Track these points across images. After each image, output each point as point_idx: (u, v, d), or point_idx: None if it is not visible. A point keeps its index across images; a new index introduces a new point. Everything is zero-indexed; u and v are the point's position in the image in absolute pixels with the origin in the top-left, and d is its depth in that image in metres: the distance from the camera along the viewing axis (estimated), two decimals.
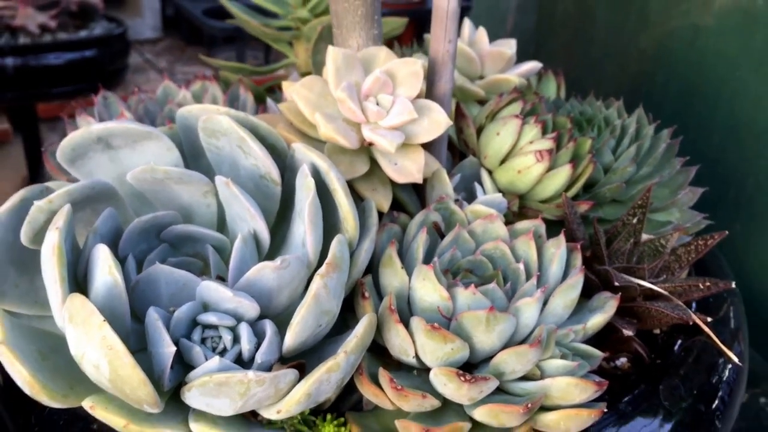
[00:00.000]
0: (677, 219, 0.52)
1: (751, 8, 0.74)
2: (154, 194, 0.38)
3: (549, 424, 0.36)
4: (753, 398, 0.70)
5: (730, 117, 0.78)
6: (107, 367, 0.30)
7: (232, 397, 0.31)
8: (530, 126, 0.46)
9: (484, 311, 0.34)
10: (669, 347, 0.45)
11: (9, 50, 1.17)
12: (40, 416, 0.38)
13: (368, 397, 0.36)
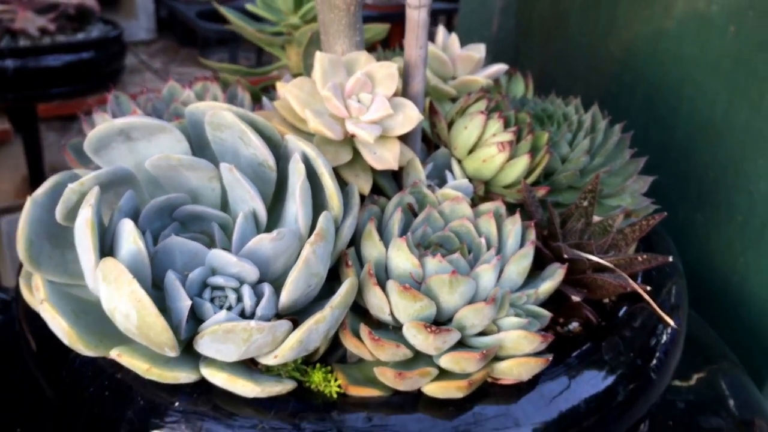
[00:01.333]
0: (628, 204, 0.58)
1: (706, 13, 0.80)
2: (166, 179, 0.44)
3: (504, 370, 0.42)
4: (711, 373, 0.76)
5: (690, 115, 0.85)
6: (135, 316, 0.36)
7: (237, 343, 0.38)
8: (494, 121, 0.52)
9: (448, 275, 0.41)
10: (614, 313, 0.51)
11: (9, 52, 1.23)
12: (70, 369, 0.44)
13: (351, 349, 0.43)
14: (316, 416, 0.41)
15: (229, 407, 0.41)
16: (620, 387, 0.47)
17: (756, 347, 0.84)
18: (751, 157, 0.78)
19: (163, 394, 0.41)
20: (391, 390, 0.42)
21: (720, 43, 0.79)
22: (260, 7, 0.68)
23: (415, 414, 0.42)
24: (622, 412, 0.47)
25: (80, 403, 0.44)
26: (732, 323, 0.85)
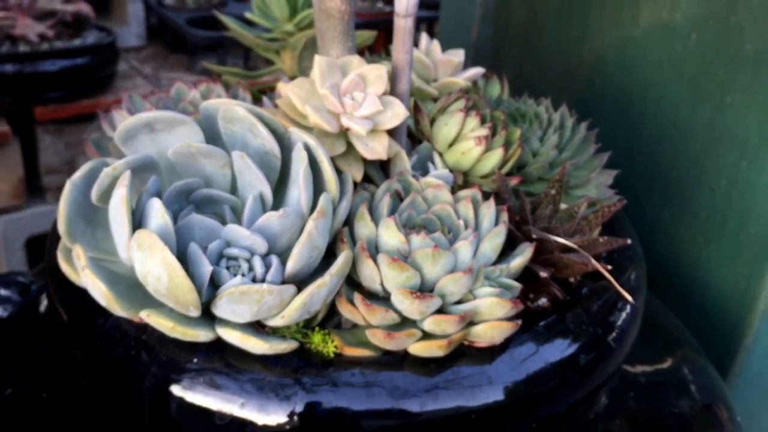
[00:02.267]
0: (593, 194, 0.65)
1: (670, 22, 0.87)
2: (184, 166, 0.50)
3: (479, 333, 0.48)
4: (675, 358, 0.82)
5: (656, 117, 0.91)
6: (166, 278, 0.42)
7: (250, 304, 0.44)
8: (471, 118, 0.58)
9: (431, 249, 0.47)
10: (579, 290, 0.58)
11: (8, 57, 1.28)
12: (100, 334, 0.50)
13: (346, 315, 0.49)
14: (315, 372, 0.47)
15: (240, 363, 0.47)
16: (582, 354, 0.53)
17: (719, 336, 0.90)
18: (713, 156, 0.85)
19: (183, 352, 0.47)
20: (381, 350, 0.48)
21: (683, 50, 0.85)
22: (257, 15, 0.74)
23: (402, 371, 0.48)
24: (584, 377, 0.53)
25: (109, 363, 0.50)
26: (697, 313, 0.92)
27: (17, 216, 1.39)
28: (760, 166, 0.79)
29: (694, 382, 0.73)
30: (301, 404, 0.46)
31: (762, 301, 0.84)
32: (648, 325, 0.77)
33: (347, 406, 0.46)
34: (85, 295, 0.48)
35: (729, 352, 0.90)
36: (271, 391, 0.46)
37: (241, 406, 0.46)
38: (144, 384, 0.48)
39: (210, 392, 0.46)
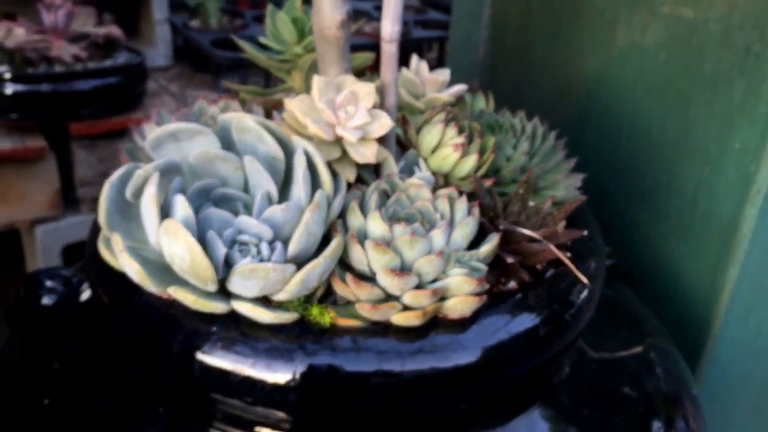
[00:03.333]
0: (562, 195, 0.74)
1: (641, 44, 0.96)
2: (203, 169, 0.60)
3: (450, 307, 0.58)
4: (645, 346, 0.90)
5: (631, 129, 1.00)
6: (188, 259, 0.52)
7: (258, 280, 0.54)
8: (450, 128, 0.68)
9: (409, 235, 0.57)
10: (543, 275, 0.67)
11: (45, 77, 1.39)
12: (135, 310, 0.60)
13: (339, 292, 0.59)
14: (313, 338, 0.57)
15: (251, 331, 0.57)
16: (541, 326, 0.62)
17: (690, 326, 0.99)
18: (680, 164, 0.94)
19: (203, 323, 0.57)
20: (369, 321, 0.58)
21: (653, 69, 0.95)
22: (270, 39, 0.84)
23: (386, 338, 0.58)
24: (543, 345, 0.63)
25: (143, 334, 0.60)
26: (670, 305, 1.01)
27: (54, 225, 1.50)
28: (720, 172, 0.88)
29: (662, 368, 0.82)
30: (301, 365, 0.56)
31: (726, 293, 0.93)
32: (620, 313, 0.86)
33: (340, 366, 0.56)
34: (121, 278, 0.58)
35: (699, 341, 0.98)
36: (277, 354, 0.56)
37: (252, 366, 0.56)
38: (172, 350, 0.58)
39: (226, 355, 0.56)
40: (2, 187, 1.43)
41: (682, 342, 1.00)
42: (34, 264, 1.59)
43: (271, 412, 0.58)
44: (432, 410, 0.60)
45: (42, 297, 0.77)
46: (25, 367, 0.73)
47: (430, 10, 2.00)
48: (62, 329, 0.75)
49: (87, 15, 1.43)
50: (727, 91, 0.85)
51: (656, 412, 0.75)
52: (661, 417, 0.75)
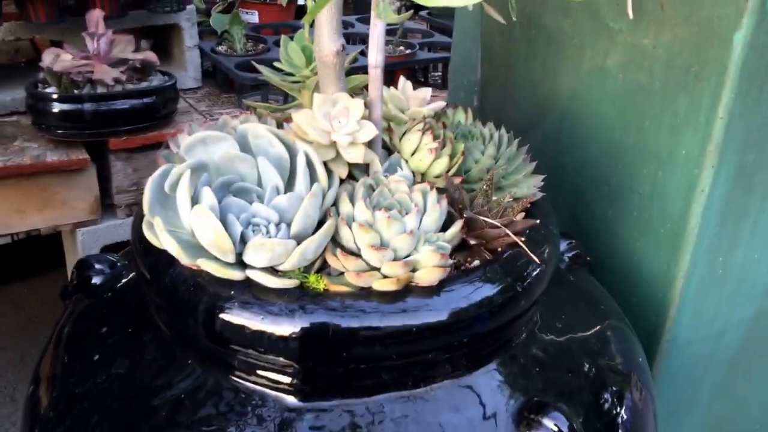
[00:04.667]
0: (524, 193, 0.89)
1: (604, 66, 1.10)
2: (225, 167, 0.76)
3: (419, 276, 0.73)
4: (604, 328, 1.04)
5: (599, 139, 1.15)
6: (212, 235, 0.68)
7: (266, 252, 0.69)
8: (426, 136, 0.83)
9: (386, 218, 0.72)
10: (502, 255, 0.82)
11: (88, 98, 1.55)
12: (169, 280, 0.76)
13: (331, 263, 0.74)
14: (311, 300, 0.72)
15: (261, 295, 0.72)
16: (497, 295, 0.77)
17: (651, 310, 1.13)
18: (639, 168, 1.08)
19: (224, 288, 0.73)
20: (355, 287, 0.73)
21: (614, 87, 1.10)
22: (283, 63, 0.99)
23: (369, 301, 0.73)
24: (499, 311, 0.77)
25: (177, 299, 0.75)
26: (634, 292, 1.15)
27: (93, 228, 1.66)
28: (670, 175, 1.03)
29: (616, 346, 0.95)
30: (301, 321, 0.71)
31: (679, 280, 1.08)
32: (582, 297, 1.01)
33: (332, 323, 0.71)
34: (160, 255, 0.74)
35: (659, 323, 1.13)
36: (282, 312, 0.71)
37: (262, 322, 0.71)
38: (199, 309, 0.73)
39: (242, 313, 0.72)
40: (49, 195, 1.59)
41: (643, 324, 1.14)
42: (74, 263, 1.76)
43: (277, 359, 0.73)
44: (406, 359, 0.75)
45: (92, 277, 0.93)
46: (80, 331, 0.89)
47: (436, 33, 2.16)
48: (108, 302, 0.91)
49: (126, 42, 1.59)
50: (673, 105, 1.00)
51: (607, 383, 0.88)
52: (610, 387, 0.88)
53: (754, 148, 0.99)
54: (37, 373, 0.90)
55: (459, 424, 0.76)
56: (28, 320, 2.38)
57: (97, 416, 0.78)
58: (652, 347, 1.16)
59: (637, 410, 0.91)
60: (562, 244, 1.05)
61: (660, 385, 1.20)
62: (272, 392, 0.75)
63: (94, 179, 1.63)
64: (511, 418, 0.77)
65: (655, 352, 1.16)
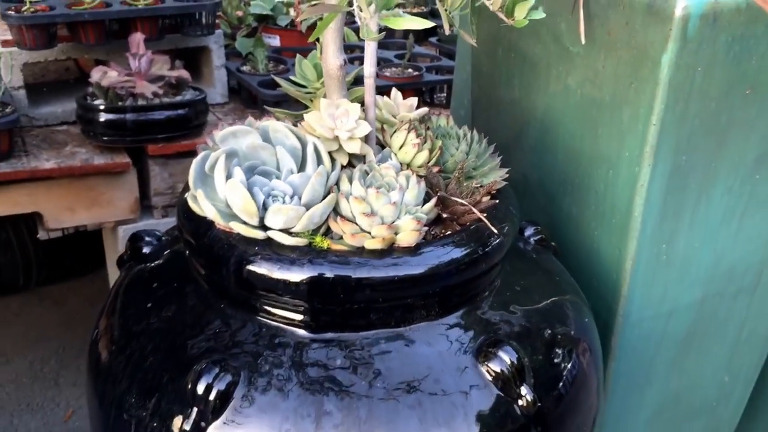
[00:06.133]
0: (491, 181, 1.11)
1: (567, 83, 1.31)
2: (251, 155, 0.98)
3: (401, 238, 0.95)
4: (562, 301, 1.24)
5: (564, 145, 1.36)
6: (242, 202, 0.90)
7: (282, 216, 0.91)
8: (411, 134, 1.05)
9: (375, 193, 0.94)
10: (469, 227, 1.04)
11: (130, 109, 1.78)
12: (206, 240, 0.98)
13: (333, 228, 0.96)
14: (316, 255, 0.94)
15: (278, 250, 0.94)
16: (464, 257, 0.99)
17: (607, 290, 1.34)
18: (595, 169, 1.30)
19: (250, 246, 0.95)
20: (351, 246, 0.95)
21: (575, 100, 1.31)
22: (298, 77, 1.22)
23: (361, 257, 0.94)
24: (464, 269, 0.99)
25: (213, 255, 0.97)
26: (594, 274, 1.36)
27: (133, 226, 1.88)
28: (618, 174, 1.24)
29: (571, 317, 1.15)
30: (309, 271, 0.93)
31: (629, 262, 1.28)
32: (545, 274, 1.22)
33: (333, 273, 0.93)
34: (200, 222, 0.96)
35: (614, 302, 1.33)
36: (294, 264, 0.93)
37: (279, 269, 0.93)
38: (231, 262, 0.95)
39: (263, 264, 0.94)
40: (95, 194, 1.82)
41: (602, 303, 1.35)
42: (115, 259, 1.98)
43: (291, 300, 0.95)
44: (390, 303, 0.97)
45: (143, 248, 1.16)
46: (134, 288, 1.11)
47: (444, 58, 2.38)
48: (156, 265, 1.13)
49: (163, 61, 1.82)
50: (619, 115, 1.22)
51: (560, 343, 1.08)
52: (561, 347, 1.07)
53: (685, 151, 1.20)
54: (98, 322, 1.13)
55: (431, 355, 0.97)
56: (68, 315, 2.61)
57: (150, 347, 1.00)
58: (609, 323, 1.37)
59: (582, 371, 1.10)
60: (530, 229, 1.27)
61: (619, 358, 1.40)
62: (287, 327, 0.97)
63: (135, 181, 1.85)
64: (472, 352, 0.98)
65: (612, 328, 1.37)
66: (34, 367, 2.39)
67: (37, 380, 2.34)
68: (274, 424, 0.91)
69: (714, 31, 1.10)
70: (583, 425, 1.14)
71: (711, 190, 1.27)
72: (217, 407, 0.91)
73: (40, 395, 2.28)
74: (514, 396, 0.97)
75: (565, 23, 1.26)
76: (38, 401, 2.26)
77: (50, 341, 2.50)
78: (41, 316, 2.61)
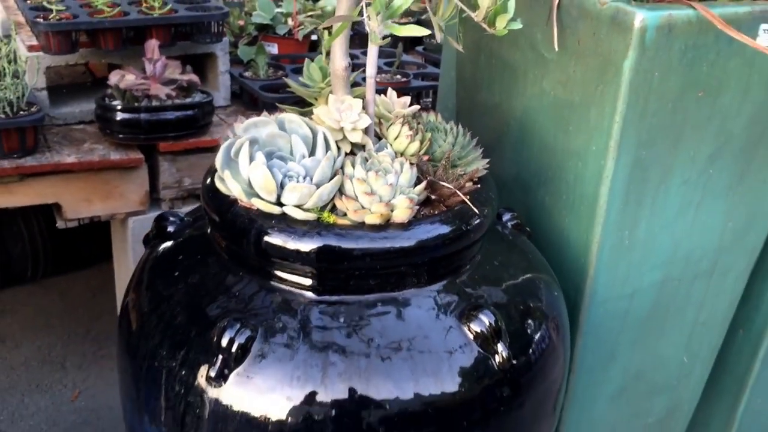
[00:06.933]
0: (473, 169, 1.27)
1: (542, 85, 1.48)
2: (269, 142, 1.15)
3: (396, 214, 1.11)
4: (534, 278, 1.41)
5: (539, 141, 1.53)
6: (262, 180, 1.07)
7: (296, 194, 1.08)
8: (405, 127, 1.22)
9: (374, 175, 1.11)
10: (454, 208, 1.20)
11: (144, 109, 1.94)
12: (229, 215, 1.14)
13: (338, 206, 1.12)
14: (324, 228, 1.10)
15: (291, 223, 1.10)
16: (448, 231, 1.15)
17: (576, 271, 1.50)
18: (567, 162, 1.46)
19: (268, 219, 1.11)
20: (353, 221, 1.12)
21: (549, 101, 1.48)
22: (305, 78, 1.38)
23: (362, 230, 1.11)
24: (449, 243, 1.15)
25: (235, 229, 1.14)
26: (565, 257, 1.52)
27: (142, 217, 2.04)
28: (586, 166, 1.41)
29: (542, 293, 1.30)
30: (318, 242, 1.09)
31: (594, 246, 1.45)
32: (520, 255, 1.38)
33: (338, 243, 1.10)
34: (224, 200, 1.13)
35: (582, 282, 1.49)
36: (305, 235, 1.09)
37: (293, 241, 1.09)
38: (251, 234, 1.11)
39: (279, 236, 1.10)
40: (110, 188, 1.97)
41: (572, 284, 1.51)
42: (124, 248, 2.14)
43: (301, 267, 1.11)
44: (386, 270, 1.13)
45: (168, 226, 1.32)
46: (161, 260, 1.27)
47: (430, 66, 2.56)
48: (179, 242, 1.30)
49: (175, 66, 1.98)
50: (587, 114, 1.38)
51: (532, 315, 1.24)
52: (533, 319, 1.23)
53: (646, 146, 1.37)
54: (128, 290, 1.29)
55: (421, 316, 1.14)
56: (72, 305, 2.77)
57: (179, 308, 1.16)
58: (578, 302, 1.52)
59: (552, 343, 1.25)
60: (507, 215, 1.44)
61: (586, 334, 1.55)
62: (297, 290, 1.13)
63: (146, 176, 2.01)
64: (456, 315, 1.15)
65: (580, 307, 1.52)
66: (42, 352, 2.53)
67: (46, 363, 2.49)
68: (286, 371, 1.07)
69: (669, 40, 1.26)
70: (549, 392, 1.29)
71: (669, 182, 1.44)
72: (238, 357, 1.07)
73: (49, 377, 2.43)
74: (492, 353, 1.13)
75: (541, 33, 1.43)
76: (47, 382, 2.41)
77: (56, 328, 2.65)
78: (47, 305, 2.76)
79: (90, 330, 2.62)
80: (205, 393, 1.08)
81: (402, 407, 1.08)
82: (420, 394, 1.09)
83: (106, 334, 2.57)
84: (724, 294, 1.73)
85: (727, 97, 1.38)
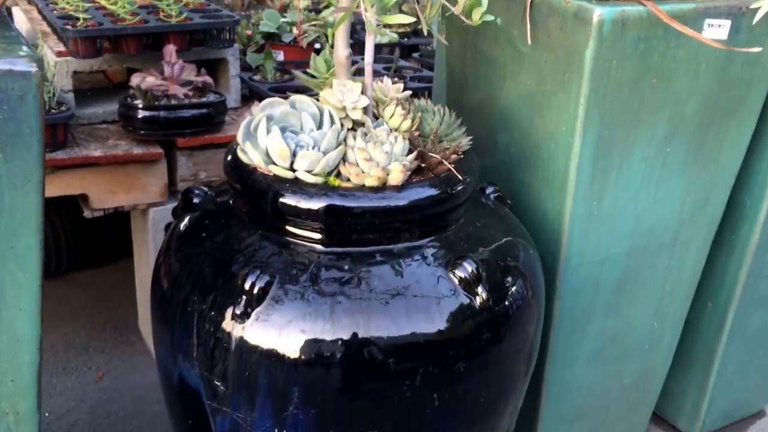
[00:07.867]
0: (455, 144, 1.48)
1: (525, 86, 1.70)
2: (283, 119, 1.35)
3: (391, 178, 1.32)
4: (514, 241, 1.62)
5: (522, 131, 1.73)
6: (278, 148, 1.27)
7: (307, 160, 1.28)
8: (398, 107, 1.42)
9: (373, 145, 1.31)
10: (438, 175, 1.40)
11: (163, 107, 2.14)
12: (251, 180, 1.34)
13: (342, 171, 1.32)
14: (330, 190, 1.30)
15: (303, 186, 1.31)
16: (437, 195, 1.35)
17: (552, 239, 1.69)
18: (544, 144, 1.66)
19: (282, 183, 1.31)
20: (355, 184, 1.32)
21: (525, 89, 1.68)
22: (312, 70, 1.58)
23: (362, 191, 1.31)
24: (437, 204, 1.36)
25: (254, 193, 1.34)
26: (543, 227, 1.71)
27: (162, 208, 2.23)
28: (558, 145, 1.61)
29: (520, 255, 1.50)
30: (325, 201, 1.29)
31: (566, 217, 1.65)
32: (501, 222, 1.58)
33: (341, 203, 1.30)
34: (244, 169, 1.33)
35: (557, 249, 1.69)
36: (314, 195, 1.30)
37: (304, 200, 1.29)
38: (268, 196, 1.32)
39: (292, 197, 1.30)
40: (133, 180, 2.16)
41: (549, 251, 1.71)
42: (144, 238, 2.34)
43: (311, 223, 1.31)
44: (383, 226, 1.33)
45: (194, 198, 1.52)
46: (189, 226, 1.48)
47: (425, 70, 2.77)
48: (203, 213, 1.50)
49: (191, 69, 2.18)
50: (557, 99, 1.59)
51: (511, 272, 1.44)
52: (510, 276, 1.42)
53: (608, 126, 1.57)
54: (159, 255, 1.49)
55: (413, 264, 1.34)
56: (95, 297, 2.96)
57: (207, 262, 1.37)
58: (554, 267, 1.72)
59: (527, 300, 1.43)
60: (490, 188, 1.64)
61: (563, 297, 1.75)
62: (308, 244, 1.33)
63: (165, 169, 2.20)
64: (442, 263, 1.35)
65: (556, 271, 1.72)
66: (66, 338, 2.72)
67: (71, 348, 2.68)
68: (300, 309, 1.27)
69: (623, 32, 1.47)
70: (523, 344, 1.46)
71: (630, 158, 1.64)
72: (259, 298, 1.27)
73: (74, 360, 2.62)
74: (474, 294, 1.33)
75: (517, 30, 1.64)
76: (72, 365, 2.59)
77: (79, 318, 2.84)
78: (70, 297, 2.95)
79: (110, 319, 2.81)
80: (231, 330, 1.28)
81: (398, 342, 1.28)
82: (413, 331, 1.29)
83: (126, 323, 2.76)
84: (687, 264, 1.93)
85: (678, 83, 1.59)
